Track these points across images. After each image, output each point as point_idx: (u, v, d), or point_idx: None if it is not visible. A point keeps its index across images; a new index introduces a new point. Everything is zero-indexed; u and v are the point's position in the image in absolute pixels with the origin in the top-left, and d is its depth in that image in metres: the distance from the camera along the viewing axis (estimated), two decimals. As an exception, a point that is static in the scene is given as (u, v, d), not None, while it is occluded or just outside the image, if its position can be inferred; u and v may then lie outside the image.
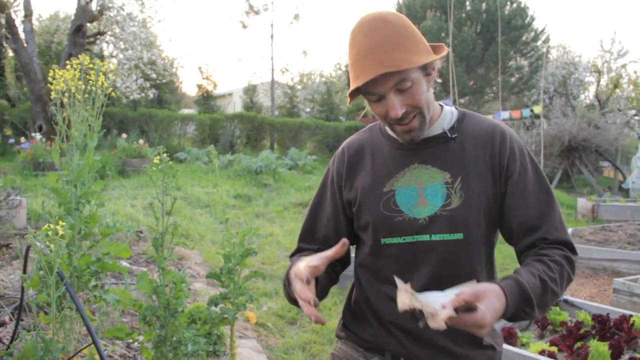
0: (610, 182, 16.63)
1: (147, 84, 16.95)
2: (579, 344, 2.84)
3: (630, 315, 3.20)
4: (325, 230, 1.50)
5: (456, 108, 1.47)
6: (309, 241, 1.54)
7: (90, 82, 2.28)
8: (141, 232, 5.75)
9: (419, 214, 1.35)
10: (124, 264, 4.81)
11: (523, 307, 1.20)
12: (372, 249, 1.41)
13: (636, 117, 17.14)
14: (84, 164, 2.25)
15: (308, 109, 23.71)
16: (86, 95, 2.28)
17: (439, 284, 1.32)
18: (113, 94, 2.36)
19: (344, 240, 1.27)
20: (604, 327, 3.10)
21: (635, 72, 17.13)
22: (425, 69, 1.29)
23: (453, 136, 1.39)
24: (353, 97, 1.31)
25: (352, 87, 1.27)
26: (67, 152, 2.24)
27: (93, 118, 2.30)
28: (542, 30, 23.40)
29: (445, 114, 1.42)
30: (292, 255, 1.57)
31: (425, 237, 1.34)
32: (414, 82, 1.26)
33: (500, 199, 1.37)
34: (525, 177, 1.37)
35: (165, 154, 2.04)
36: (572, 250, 1.36)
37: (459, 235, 1.34)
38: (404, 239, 1.36)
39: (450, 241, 1.34)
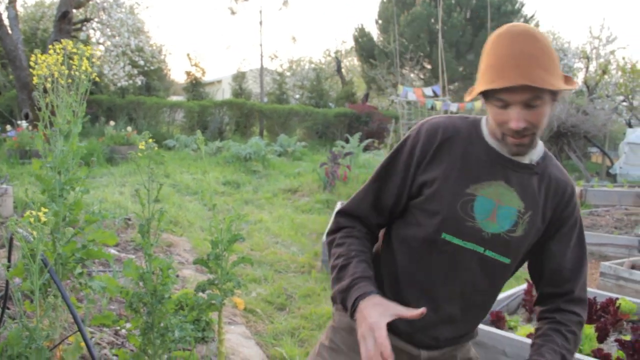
0: (598, 167, 16.75)
1: (135, 71, 16.80)
2: (565, 327, 2.86)
3: (617, 299, 3.22)
4: (387, 199, 1.48)
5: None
6: (373, 207, 1.49)
7: (74, 67, 2.25)
8: (129, 219, 5.72)
9: (486, 228, 1.39)
10: (112, 251, 4.78)
11: None
12: (428, 237, 1.42)
13: (624, 103, 17.21)
14: (68, 150, 2.22)
15: (297, 96, 23.63)
16: (69, 81, 2.25)
17: (472, 291, 1.44)
18: (98, 79, 2.33)
19: (424, 310, 1.29)
20: (590, 310, 3.12)
21: (623, 58, 17.21)
22: (555, 94, 1.32)
23: (537, 172, 1.43)
24: (475, 95, 1.35)
25: (486, 87, 1.29)
26: (51, 139, 2.21)
27: (77, 104, 2.27)
28: (532, 17, 23.40)
29: (537, 147, 1.46)
30: (342, 215, 1.52)
31: (480, 249, 1.40)
32: (543, 102, 1.29)
33: (543, 241, 1.47)
34: (573, 232, 1.47)
35: (152, 140, 2.01)
36: (586, 307, 1.50)
37: (507, 260, 1.43)
38: (465, 244, 1.40)
39: (498, 261, 1.42)
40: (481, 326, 2.76)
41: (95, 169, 9.53)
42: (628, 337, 2.74)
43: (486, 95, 1.32)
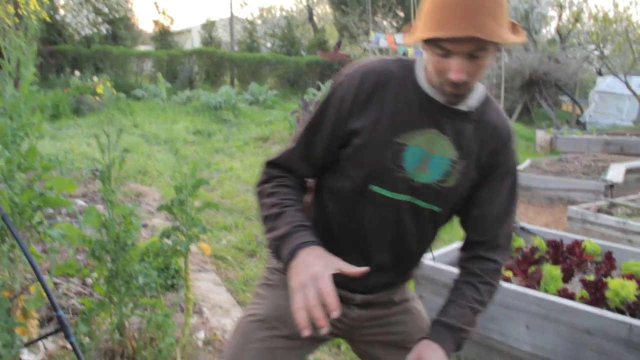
0: (568, 116, 16.95)
1: (99, 19, 16.23)
2: (533, 268, 2.90)
3: (582, 241, 3.28)
4: (318, 150, 1.38)
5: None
6: (304, 159, 1.39)
7: (21, 5, 2.12)
8: (97, 170, 5.59)
9: (417, 177, 1.32)
10: (79, 202, 4.69)
11: (459, 339, 1.34)
12: (357, 189, 1.35)
13: (595, 52, 17.28)
14: (20, 95, 2.11)
15: (269, 44, 23.19)
16: (17, 20, 2.12)
17: (404, 241, 1.39)
18: (45, 16, 2.20)
19: (366, 269, 1.21)
20: (557, 252, 3.17)
21: (596, 6, 17.20)
22: (498, 44, 1.22)
23: (474, 118, 1.35)
24: (415, 40, 1.23)
25: (429, 35, 1.17)
26: (0, 83, 2.10)
27: (26, 45, 2.14)
28: (506, -38, 23.11)
29: (476, 91, 1.35)
30: (273, 166, 1.41)
31: (409, 199, 1.33)
32: (487, 53, 1.20)
33: (474, 188, 1.40)
34: (504, 179, 1.40)
35: (115, 88, 1.92)
36: (506, 254, 1.45)
37: (437, 209, 1.37)
38: (393, 195, 1.33)
39: (428, 210, 1.36)
40: (449, 269, 2.78)
41: (61, 120, 9.30)
42: (592, 277, 2.79)
43: (427, 40, 1.21)
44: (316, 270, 1.14)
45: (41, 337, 2.05)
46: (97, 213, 2.17)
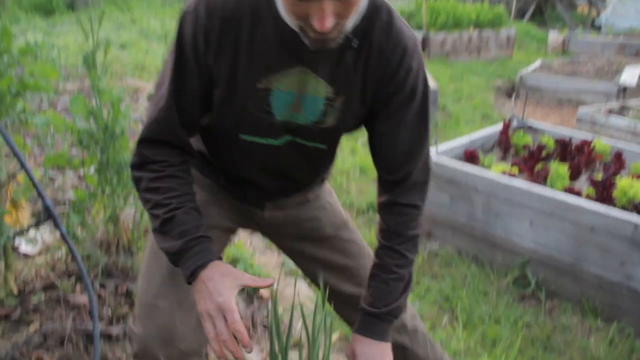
0: (583, 19, 16.28)
1: None
2: (540, 166, 2.82)
3: (592, 140, 3.17)
4: (193, 110, 1.16)
5: None
6: (180, 125, 1.15)
7: None
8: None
9: (293, 119, 1.14)
10: (74, 98, 4.58)
11: (392, 318, 1.24)
12: (229, 139, 1.20)
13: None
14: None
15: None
16: None
17: (296, 172, 1.28)
18: None
19: (272, 280, 1.09)
20: (565, 150, 3.08)
21: None
22: None
23: (353, 44, 1.09)
24: None
25: None
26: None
27: None
28: None
29: (357, 9, 1.05)
30: (147, 145, 1.16)
31: (288, 138, 1.18)
32: None
33: (371, 121, 1.21)
34: (407, 106, 1.17)
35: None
36: (425, 190, 1.27)
37: (322, 146, 1.21)
38: (268, 141, 1.17)
39: (311, 147, 1.20)
40: (453, 163, 2.71)
41: (55, 16, 8.99)
42: (600, 177, 2.72)
43: None
44: (221, 301, 1.04)
45: (30, 226, 2.01)
46: (84, 101, 2.06)
